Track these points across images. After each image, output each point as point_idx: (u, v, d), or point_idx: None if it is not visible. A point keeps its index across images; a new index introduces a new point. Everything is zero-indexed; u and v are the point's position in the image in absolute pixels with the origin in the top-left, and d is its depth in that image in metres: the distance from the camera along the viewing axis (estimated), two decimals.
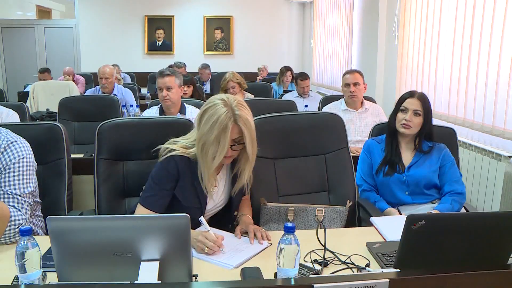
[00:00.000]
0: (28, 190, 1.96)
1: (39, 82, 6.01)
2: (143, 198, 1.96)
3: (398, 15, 5.43)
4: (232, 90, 5.06)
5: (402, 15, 5.35)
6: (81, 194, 2.73)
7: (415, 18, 5.04)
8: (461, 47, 4.09)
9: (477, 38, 3.85)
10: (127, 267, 1.32)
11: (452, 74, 4.26)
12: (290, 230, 1.36)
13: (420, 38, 4.92)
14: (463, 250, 1.44)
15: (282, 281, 1.34)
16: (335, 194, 2.46)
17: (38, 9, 11.45)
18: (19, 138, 2.03)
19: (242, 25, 10.44)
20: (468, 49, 3.99)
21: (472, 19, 3.92)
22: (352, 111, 3.86)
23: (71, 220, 1.39)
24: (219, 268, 1.64)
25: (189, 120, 2.46)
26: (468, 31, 3.97)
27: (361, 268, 1.62)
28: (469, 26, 3.96)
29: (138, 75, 8.91)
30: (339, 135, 2.51)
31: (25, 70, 10.19)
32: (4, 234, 1.82)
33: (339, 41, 7.90)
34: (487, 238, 1.43)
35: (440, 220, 1.48)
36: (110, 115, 3.46)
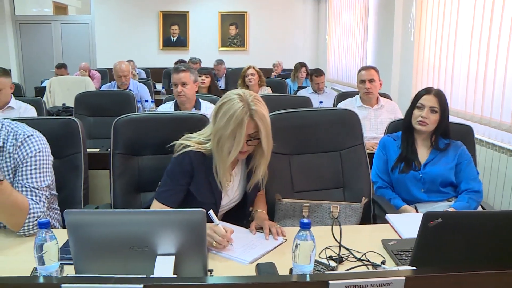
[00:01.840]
0: (45, 184, 1.98)
1: (56, 78, 6.07)
2: (158, 193, 1.97)
3: (414, 10, 5.38)
4: (250, 76, 5.09)
5: (418, 11, 5.30)
6: (97, 188, 2.75)
7: (432, 14, 4.99)
8: (479, 43, 4.04)
9: (495, 34, 3.79)
10: (143, 261, 1.32)
11: (469, 71, 4.20)
12: (306, 226, 1.36)
13: (437, 34, 4.86)
14: (480, 249, 1.42)
15: (297, 277, 1.33)
16: (350, 190, 2.45)
17: (55, 5, 11.54)
18: (36, 132, 2.05)
19: (256, 21, 10.42)
20: (486, 45, 3.93)
21: (491, 14, 3.86)
22: (367, 108, 3.83)
23: (88, 213, 1.40)
24: (234, 263, 1.64)
25: (204, 115, 2.46)
26: (487, 26, 3.92)
27: (376, 265, 1.61)
28: (488, 21, 3.90)
29: (153, 70, 8.95)
30: (354, 131, 2.50)
31: (42, 66, 10.30)
32: (23, 226, 1.85)
33: (354, 37, 7.85)
34: (505, 236, 1.41)
35: (457, 218, 1.47)
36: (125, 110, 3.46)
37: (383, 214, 2.24)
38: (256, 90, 5.01)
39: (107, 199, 2.49)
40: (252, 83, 5.13)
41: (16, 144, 1.97)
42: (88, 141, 3.85)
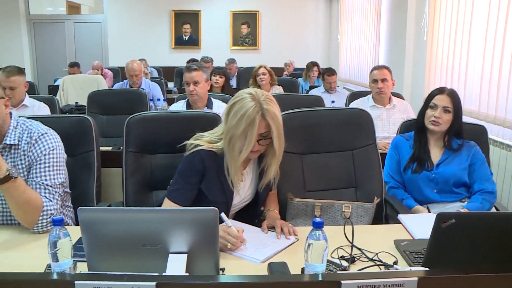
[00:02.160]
0: (59, 181, 2.00)
1: (69, 76, 6.12)
2: (170, 192, 1.98)
3: (427, 9, 5.34)
4: (262, 76, 5.10)
5: (432, 9, 5.26)
6: (109, 186, 2.76)
7: (446, 13, 4.95)
8: (493, 42, 4.00)
9: (510, 32, 3.76)
10: (156, 259, 1.33)
11: (483, 70, 4.17)
12: (319, 226, 1.35)
13: (451, 33, 4.82)
14: (494, 250, 1.41)
15: (309, 276, 1.33)
16: (362, 190, 2.44)
17: (68, 4, 11.63)
18: (50, 130, 2.07)
19: (268, 20, 10.41)
20: (501, 44, 3.90)
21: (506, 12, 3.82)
22: (379, 108, 3.81)
23: (102, 211, 1.41)
24: (246, 262, 1.65)
25: (216, 114, 2.46)
26: (502, 24, 3.88)
27: (388, 265, 1.60)
28: (503, 19, 3.86)
29: (165, 69, 8.98)
30: (367, 131, 2.49)
31: (55, 64, 10.39)
32: (36, 223, 1.87)
33: (366, 36, 7.83)
34: None
35: (470, 219, 1.45)
36: (137, 109, 3.49)
37: (395, 214, 2.23)
38: (268, 90, 5.02)
39: (119, 197, 2.51)
40: (264, 82, 5.14)
41: (31, 142, 1.99)
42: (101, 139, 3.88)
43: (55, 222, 1.35)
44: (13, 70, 3.56)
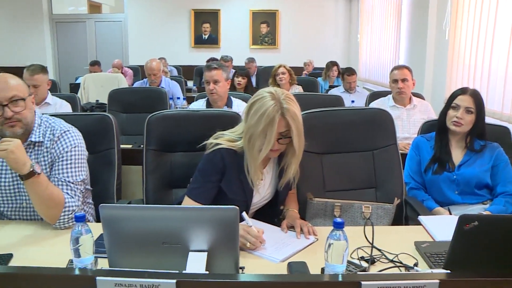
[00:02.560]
0: (80, 178, 2.03)
1: (90, 74, 6.18)
2: (190, 190, 1.99)
3: (449, 8, 5.28)
4: (281, 76, 5.10)
5: (454, 8, 5.19)
6: (129, 184, 2.79)
7: (469, 12, 4.88)
8: None
9: None
10: (176, 257, 1.34)
11: (507, 70, 4.10)
12: (339, 226, 1.35)
13: (473, 32, 4.75)
14: None
15: (329, 276, 1.32)
16: (383, 191, 2.42)
17: (90, 4, 11.78)
18: (72, 127, 2.10)
19: (288, 19, 10.39)
20: None
21: None
22: (400, 108, 3.78)
23: (123, 208, 1.42)
24: (265, 261, 1.65)
25: (236, 113, 2.47)
26: None
27: (409, 267, 1.59)
28: None
29: (184, 68, 9.02)
30: (387, 131, 2.47)
31: (77, 63, 10.50)
32: (58, 219, 1.89)
33: (386, 36, 7.76)
34: None
35: (494, 221, 1.43)
36: (157, 107, 3.51)
37: (416, 215, 2.20)
38: (287, 89, 5.01)
39: (139, 194, 2.53)
40: (283, 82, 5.14)
41: (53, 139, 2.02)
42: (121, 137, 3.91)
43: (77, 219, 1.37)
44: (37, 69, 3.61)
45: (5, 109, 1.89)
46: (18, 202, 2.04)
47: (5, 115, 1.89)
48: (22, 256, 1.66)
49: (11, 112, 1.90)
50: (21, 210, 2.05)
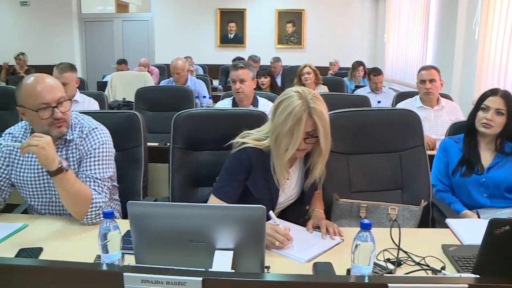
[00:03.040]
0: (108, 175, 2.05)
1: (117, 73, 6.26)
2: (216, 189, 1.99)
3: (480, 7, 5.18)
4: (306, 75, 5.10)
5: (485, 7, 5.08)
6: (155, 181, 2.82)
7: (500, 10, 4.77)
8: None
9: None
10: (202, 255, 1.34)
11: None
12: (367, 227, 1.34)
13: (505, 32, 4.65)
14: None
15: (355, 278, 1.31)
16: (409, 193, 2.39)
17: (117, 3, 11.94)
18: (100, 125, 2.13)
19: (314, 19, 10.34)
20: None
21: None
22: (427, 109, 3.73)
23: (151, 205, 1.43)
24: (290, 261, 1.64)
25: (262, 112, 2.47)
26: None
27: (436, 270, 1.56)
28: None
29: (210, 67, 9.06)
30: (415, 132, 2.44)
31: (104, 61, 10.66)
32: (86, 215, 1.92)
33: (413, 36, 7.66)
34: None
35: None
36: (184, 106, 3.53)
37: (443, 218, 2.17)
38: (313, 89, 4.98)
39: (164, 192, 2.55)
40: (308, 81, 5.12)
41: (82, 136, 2.05)
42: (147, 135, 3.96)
43: (105, 215, 1.39)
44: (66, 67, 3.68)
45: (54, 110, 1.94)
46: (48, 197, 2.08)
47: (55, 116, 1.94)
48: (51, 250, 1.70)
49: (60, 113, 1.95)
50: (50, 205, 2.09)
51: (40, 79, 1.96)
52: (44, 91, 1.92)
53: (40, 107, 1.92)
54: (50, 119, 1.94)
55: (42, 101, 1.92)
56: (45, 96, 1.92)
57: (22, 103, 1.95)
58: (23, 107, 1.95)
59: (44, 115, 1.93)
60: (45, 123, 1.94)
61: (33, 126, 2.02)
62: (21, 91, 1.95)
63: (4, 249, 1.72)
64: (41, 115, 1.92)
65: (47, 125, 1.95)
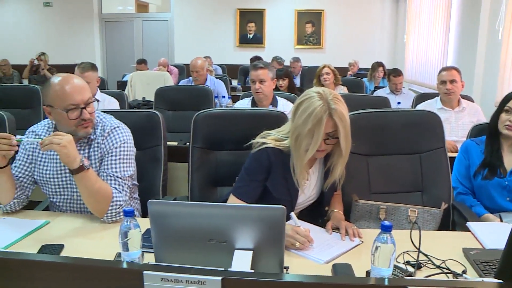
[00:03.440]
0: (128, 174, 2.07)
1: (136, 72, 6.30)
2: (235, 188, 2.00)
3: (504, 7, 5.09)
4: (325, 76, 5.08)
5: (509, 7, 5.00)
6: (174, 180, 2.83)
7: None
8: None
9: None
10: (221, 254, 1.34)
11: None
12: (387, 229, 1.33)
13: None
14: None
15: (375, 280, 1.30)
16: (429, 195, 2.36)
17: (137, 3, 12.04)
18: (121, 124, 2.15)
19: (333, 19, 10.29)
20: None
21: None
22: (448, 110, 3.69)
23: (171, 204, 1.45)
24: (309, 262, 1.64)
25: (282, 112, 2.46)
26: None
27: (457, 274, 1.54)
28: None
29: (229, 67, 9.08)
30: (436, 134, 2.41)
31: (124, 61, 10.76)
32: (106, 213, 1.94)
33: (434, 36, 7.58)
34: None
35: None
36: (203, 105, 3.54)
37: (463, 221, 2.15)
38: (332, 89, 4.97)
39: (184, 191, 2.56)
40: (327, 82, 5.11)
41: (104, 135, 2.07)
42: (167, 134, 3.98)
43: (126, 213, 1.40)
44: (87, 66, 3.73)
45: (83, 111, 1.96)
46: (69, 195, 2.11)
47: (84, 116, 1.97)
48: (72, 247, 1.72)
49: (88, 114, 1.98)
50: (71, 202, 2.12)
51: (68, 79, 1.98)
52: (73, 92, 1.95)
53: (69, 108, 1.94)
54: (78, 119, 1.97)
55: (72, 102, 1.94)
56: (74, 97, 1.94)
57: (50, 103, 1.97)
58: (50, 107, 1.98)
59: (73, 115, 1.95)
60: (73, 123, 1.97)
61: (59, 125, 2.04)
62: (49, 91, 1.97)
63: (27, 245, 1.75)
64: (70, 116, 1.95)
65: (74, 125, 1.97)
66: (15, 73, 8.44)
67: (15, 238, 1.78)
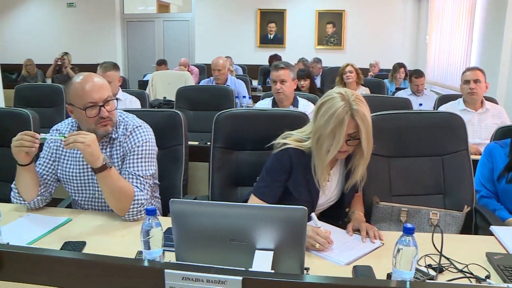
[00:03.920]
0: (150, 172, 2.09)
1: (158, 72, 6.35)
2: (256, 189, 2.00)
3: None
4: (348, 74, 5.07)
5: None
6: (195, 180, 2.84)
7: None
8: None
9: None
10: (242, 254, 1.35)
11: None
12: (410, 231, 1.31)
13: None
14: None
15: (397, 282, 1.29)
16: (451, 198, 2.33)
17: (158, 3, 12.13)
18: (144, 123, 2.17)
19: (354, 20, 10.22)
20: None
21: None
22: (471, 112, 3.63)
23: (193, 204, 1.45)
24: (330, 264, 1.64)
25: (303, 113, 2.46)
26: None
27: (480, 279, 1.52)
28: None
29: (249, 67, 9.09)
30: (458, 136, 2.38)
31: (145, 60, 10.85)
32: (128, 211, 1.96)
33: (457, 37, 7.48)
34: None
35: None
36: (224, 105, 3.56)
37: (486, 225, 2.11)
38: (354, 89, 4.95)
39: (204, 190, 2.57)
40: (350, 80, 5.09)
41: (126, 134, 2.09)
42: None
43: (148, 212, 1.41)
44: (109, 66, 3.77)
45: (101, 109, 1.98)
46: (91, 193, 2.13)
47: (102, 115, 1.99)
48: (94, 244, 1.74)
49: (107, 112, 1.99)
50: (93, 201, 2.15)
51: (89, 78, 2.00)
52: (92, 90, 1.97)
53: (88, 106, 1.96)
54: (97, 117, 1.99)
55: (90, 100, 1.96)
56: (93, 95, 1.96)
57: (71, 101, 2.01)
58: (71, 105, 2.01)
59: (91, 113, 1.97)
60: (92, 121, 1.99)
61: (80, 124, 2.07)
62: (70, 89, 2.00)
63: (50, 241, 1.78)
64: (88, 114, 1.97)
65: (93, 123, 2.00)
66: (39, 73, 8.57)
67: (38, 234, 1.82)
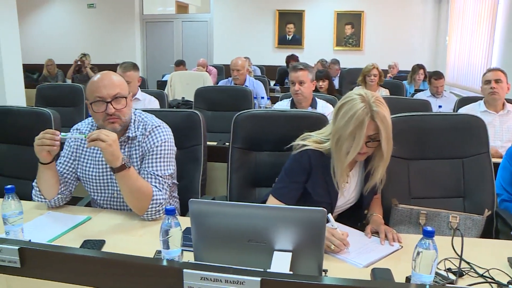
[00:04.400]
0: (168, 172, 2.10)
1: (176, 72, 6.38)
2: (275, 189, 2.00)
3: None
4: (373, 77, 5.06)
5: None
6: (213, 180, 2.85)
7: None
8: None
9: None
10: (260, 255, 1.35)
11: None
12: (430, 235, 1.30)
13: None
14: None
15: (416, 286, 1.28)
16: (471, 201, 2.30)
17: (177, 4, 12.21)
18: (163, 123, 2.18)
19: (373, 21, 10.15)
20: None
21: None
22: (492, 114, 3.58)
23: (212, 204, 1.46)
24: (348, 266, 1.63)
25: (322, 114, 2.45)
26: None
27: (502, 284, 1.49)
28: None
29: (267, 68, 9.09)
30: (479, 139, 2.35)
31: (164, 61, 10.93)
32: (146, 211, 1.97)
33: (478, 38, 7.38)
34: None
35: None
36: (242, 106, 3.56)
37: (508, 229, 2.09)
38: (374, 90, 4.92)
39: (222, 191, 2.58)
40: (373, 83, 5.08)
41: (145, 134, 2.11)
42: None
43: (168, 212, 1.42)
44: (129, 66, 3.80)
45: (108, 105, 1.99)
46: (110, 192, 2.15)
47: (108, 111, 2.00)
48: (113, 243, 1.76)
49: (113, 109, 2.00)
50: (112, 200, 2.17)
51: (105, 75, 2.03)
52: (101, 86, 1.99)
53: (95, 100, 1.99)
54: (103, 113, 2.00)
55: (97, 95, 1.99)
56: (101, 91, 1.98)
57: (86, 97, 2.06)
58: (87, 100, 2.05)
59: (97, 109, 2.00)
60: (99, 117, 2.01)
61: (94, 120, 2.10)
62: (87, 86, 2.04)
63: (70, 239, 1.80)
64: (95, 109, 2.00)
65: (101, 119, 2.02)
66: (59, 73, 8.68)
67: (59, 232, 1.84)
